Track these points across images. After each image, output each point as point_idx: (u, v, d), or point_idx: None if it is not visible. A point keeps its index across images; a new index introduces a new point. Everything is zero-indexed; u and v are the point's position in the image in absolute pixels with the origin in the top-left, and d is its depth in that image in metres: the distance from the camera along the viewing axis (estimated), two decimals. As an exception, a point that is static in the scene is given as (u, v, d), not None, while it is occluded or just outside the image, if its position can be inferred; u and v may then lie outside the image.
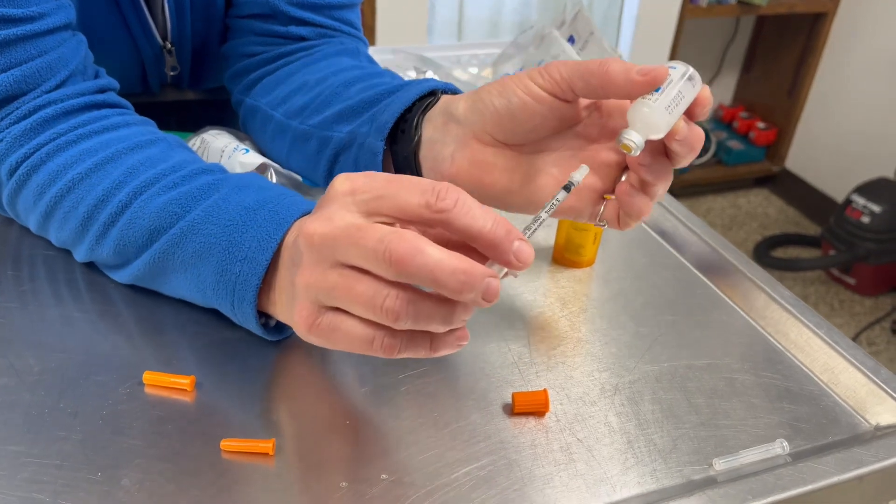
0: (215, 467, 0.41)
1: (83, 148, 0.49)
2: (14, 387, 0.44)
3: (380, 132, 0.50)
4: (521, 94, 0.44)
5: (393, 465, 0.42)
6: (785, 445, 0.44)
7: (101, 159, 0.48)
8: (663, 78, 0.40)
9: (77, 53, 0.52)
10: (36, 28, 0.48)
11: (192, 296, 0.48)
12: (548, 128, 0.45)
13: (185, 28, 0.65)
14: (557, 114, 0.44)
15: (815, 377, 0.50)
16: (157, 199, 0.47)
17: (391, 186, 0.35)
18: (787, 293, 0.56)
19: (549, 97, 0.43)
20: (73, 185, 0.48)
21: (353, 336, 0.37)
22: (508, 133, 0.46)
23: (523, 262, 0.34)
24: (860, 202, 2.18)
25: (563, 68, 0.43)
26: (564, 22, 0.81)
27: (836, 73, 2.49)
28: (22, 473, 0.39)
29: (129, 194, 0.47)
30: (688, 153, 0.42)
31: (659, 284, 0.58)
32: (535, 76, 0.43)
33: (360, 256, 0.34)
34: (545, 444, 0.44)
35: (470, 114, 0.47)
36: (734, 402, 0.48)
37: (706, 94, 0.42)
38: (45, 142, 0.49)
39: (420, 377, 0.48)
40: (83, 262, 0.52)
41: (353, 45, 0.65)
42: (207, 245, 0.44)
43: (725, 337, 0.54)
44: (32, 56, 0.48)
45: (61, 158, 0.49)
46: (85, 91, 0.51)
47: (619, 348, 0.52)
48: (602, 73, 0.41)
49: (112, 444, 0.41)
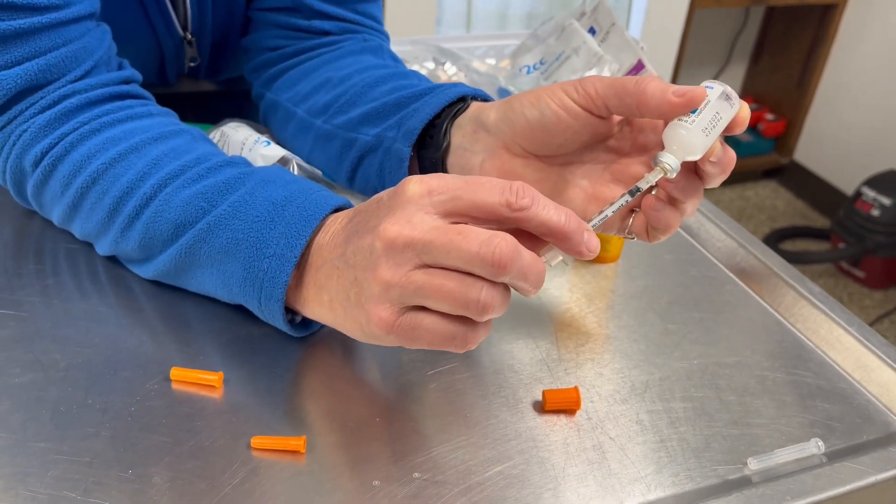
0: (246, 465, 0.40)
1: (107, 136, 0.48)
2: (41, 382, 0.44)
3: (408, 137, 0.49)
4: (555, 108, 0.43)
5: (425, 464, 0.41)
6: (820, 445, 0.44)
7: (126, 148, 0.48)
8: (701, 99, 0.39)
9: (101, 43, 0.51)
10: (60, 17, 0.47)
11: (218, 292, 0.47)
12: (579, 142, 0.45)
13: (207, 19, 0.65)
14: (590, 129, 0.44)
15: (847, 375, 0.50)
16: (182, 193, 0.46)
17: (468, 187, 0.36)
18: (817, 289, 0.55)
19: (583, 112, 0.43)
20: (98, 175, 0.48)
21: (436, 332, 0.37)
22: (540, 145, 0.45)
23: (592, 252, 0.37)
24: (870, 195, 2.17)
25: (599, 84, 0.42)
26: (585, 13, 0.80)
27: (845, 65, 2.47)
28: (52, 471, 0.39)
29: (153, 186, 0.46)
30: (720, 174, 0.42)
31: (685, 281, 0.58)
32: (569, 90, 0.43)
33: (459, 259, 0.35)
34: (577, 442, 0.43)
35: (501, 123, 0.46)
36: (766, 399, 0.47)
37: (744, 114, 0.41)
38: (69, 131, 0.48)
39: (448, 374, 0.47)
40: (106, 255, 0.52)
41: (377, 41, 0.64)
42: (235, 241, 0.44)
43: (754, 334, 0.53)
44: (57, 45, 0.48)
45: (85, 148, 0.48)
46: (109, 82, 0.51)
47: (648, 345, 0.51)
48: (638, 93, 0.40)
49: (142, 441, 0.41)
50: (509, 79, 0.75)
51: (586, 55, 0.74)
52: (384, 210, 0.37)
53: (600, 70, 0.73)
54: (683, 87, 0.40)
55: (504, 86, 0.74)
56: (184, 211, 0.46)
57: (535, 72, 0.78)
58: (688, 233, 0.64)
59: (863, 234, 2.16)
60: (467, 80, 0.79)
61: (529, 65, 0.79)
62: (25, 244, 0.55)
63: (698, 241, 0.63)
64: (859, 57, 2.42)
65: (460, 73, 0.82)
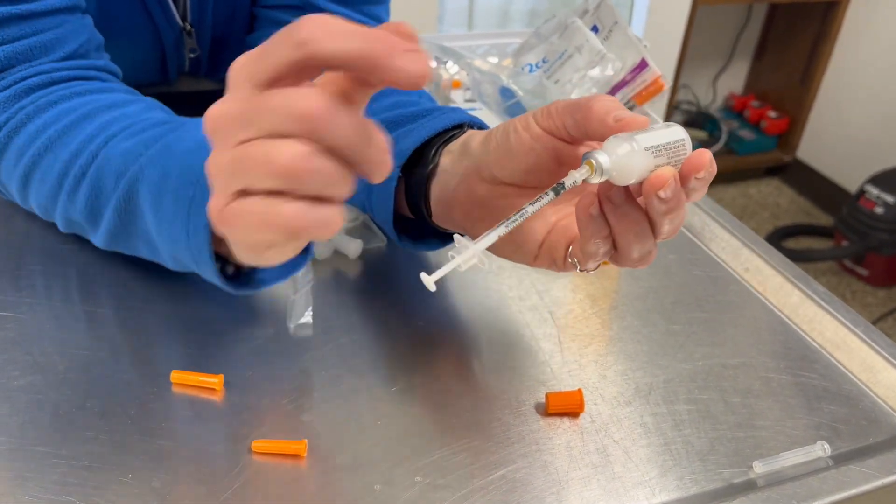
0: (247, 468, 0.40)
1: (63, 108, 0.48)
2: (40, 385, 0.44)
3: (399, 158, 0.49)
4: (520, 129, 0.42)
5: (426, 467, 0.41)
6: (826, 448, 0.43)
7: (79, 116, 0.48)
8: (639, 127, 0.36)
9: (77, 36, 0.51)
10: (33, 8, 0.47)
11: (161, 243, 0.45)
12: (546, 169, 0.42)
13: (207, 10, 0.64)
14: (553, 153, 0.41)
15: (853, 376, 0.49)
16: (123, 144, 0.45)
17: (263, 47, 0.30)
18: (822, 289, 0.55)
19: (544, 134, 0.41)
20: (50, 143, 0.47)
21: (256, 211, 0.31)
22: (508, 171, 0.43)
23: (418, 74, 0.28)
24: (874, 192, 2.16)
25: (560, 104, 0.40)
26: (587, 11, 0.79)
27: (849, 62, 2.46)
28: (52, 475, 0.39)
29: (99, 144, 0.46)
30: (664, 213, 0.36)
31: (689, 281, 0.57)
32: (536, 114, 0.41)
33: (267, 121, 0.30)
34: (581, 445, 0.43)
35: (479, 148, 0.45)
36: (770, 402, 0.47)
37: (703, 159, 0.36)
38: (27, 104, 0.48)
39: (451, 376, 0.47)
40: (64, 230, 0.51)
41: None
42: (164, 175, 0.42)
43: (759, 335, 0.53)
44: (26, 34, 0.48)
45: (41, 120, 0.48)
46: (76, 67, 0.51)
47: (652, 346, 0.51)
48: (586, 110, 0.38)
49: (141, 445, 0.41)
50: (512, 77, 0.74)
51: (589, 54, 0.74)
52: None
53: (603, 69, 0.73)
54: (628, 112, 0.37)
55: (507, 84, 0.73)
56: (123, 160, 0.45)
57: (538, 70, 0.78)
58: (691, 232, 0.64)
59: (866, 231, 2.15)
60: (469, 79, 0.78)
61: (532, 63, 0.78)
62: (25, 245, 0.55)
63: (702, 240, 0.63)
64: (863, 54, 2.41)
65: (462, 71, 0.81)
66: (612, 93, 0.73)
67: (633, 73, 0.73)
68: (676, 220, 0.37)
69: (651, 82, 0.73)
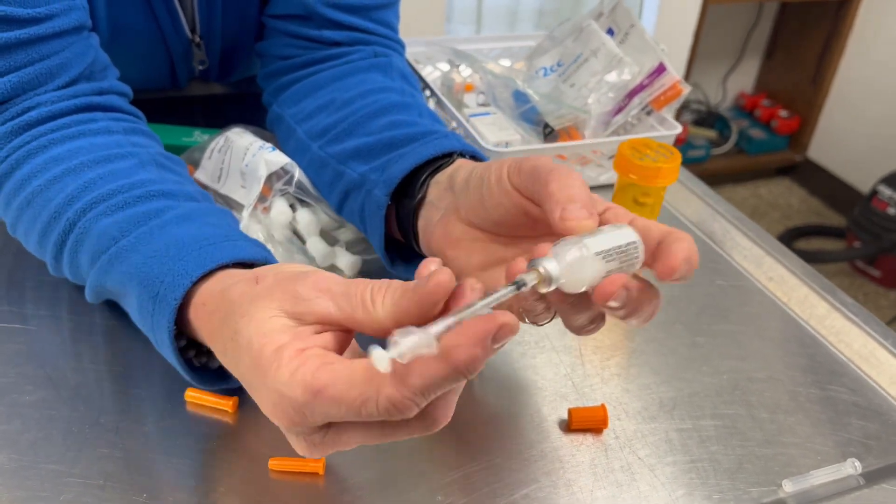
0: (265, 488, 0.39)
1: (51, 155, 0.46)
2: (53, 400, 0.43)
3: (387, 185, 0.48)
4: (493, 184, 0.40)
5: (448, 486, 0.40)
6: (857, 465, 0.42)
7: (64, 170, 0.46)
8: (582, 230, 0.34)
9: (83, 57, 0.49)
10: (41, 31, 0.46)
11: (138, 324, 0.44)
12: (516, 223, 0.40)
13: (216, 22, 0.63)
14: (521, 209, 0.39)
15: (883, 390, 0.48)
16: (101, 221, 0.44)
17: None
18: (849, 300, 0.53)
19: (514, 192, 0.39)
20: (33, 197, 0.46)
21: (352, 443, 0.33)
22: (479, 218, 0.42)
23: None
24: (886, 193, 2.14)
25: (527, 166, 0.38)
26: (602, 13, 0.78)
27: (861, 61, 2.43)
28: (65, 494, 0.38)
29: (77, 211, 0.44)
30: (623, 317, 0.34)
31: (712, 291, 0.56)
32: (511, 167, 0.39)
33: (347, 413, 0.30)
34: (605, 463, 0.42)
35: (461, 186, 0.43)
36: (799, 417, 0.46)
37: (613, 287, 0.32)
38: (19, 146, 0.47)
39: (469, 391, 0.46)
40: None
41: (388, 55, 0.62)
42: (128, 275, 0.41)
43: (785, 347, 0.51)
44: (33, 60, 0.46)
45: (28, 167, 0.46)
46: (79, 93, 0.49)
47: (676, 359, 0.49)
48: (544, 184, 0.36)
49: (156, 464, 0.40)
50: (527, 81, 0.73)
51: (605, 57, 0.72)
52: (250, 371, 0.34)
53: (620, 73, 0.71)
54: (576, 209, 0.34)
55: (521, 88, 0.72)
56: (98, 241, 0.43)
57: (553, 74, 0.76)
58: (713, 240, 0.63)
59: (879, 232, 2.13)
60: (483, 83, 0.77)
61: (546, 67, 0.77)
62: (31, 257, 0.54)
63: (724, 248, 0.61)
64: (875, 53, 2.38)
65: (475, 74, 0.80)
66: (629, 97, 0.72)
67: (651, 78, 0.72)
68: (643, 316, 0.35)
69: (669, 87, 0.71)
